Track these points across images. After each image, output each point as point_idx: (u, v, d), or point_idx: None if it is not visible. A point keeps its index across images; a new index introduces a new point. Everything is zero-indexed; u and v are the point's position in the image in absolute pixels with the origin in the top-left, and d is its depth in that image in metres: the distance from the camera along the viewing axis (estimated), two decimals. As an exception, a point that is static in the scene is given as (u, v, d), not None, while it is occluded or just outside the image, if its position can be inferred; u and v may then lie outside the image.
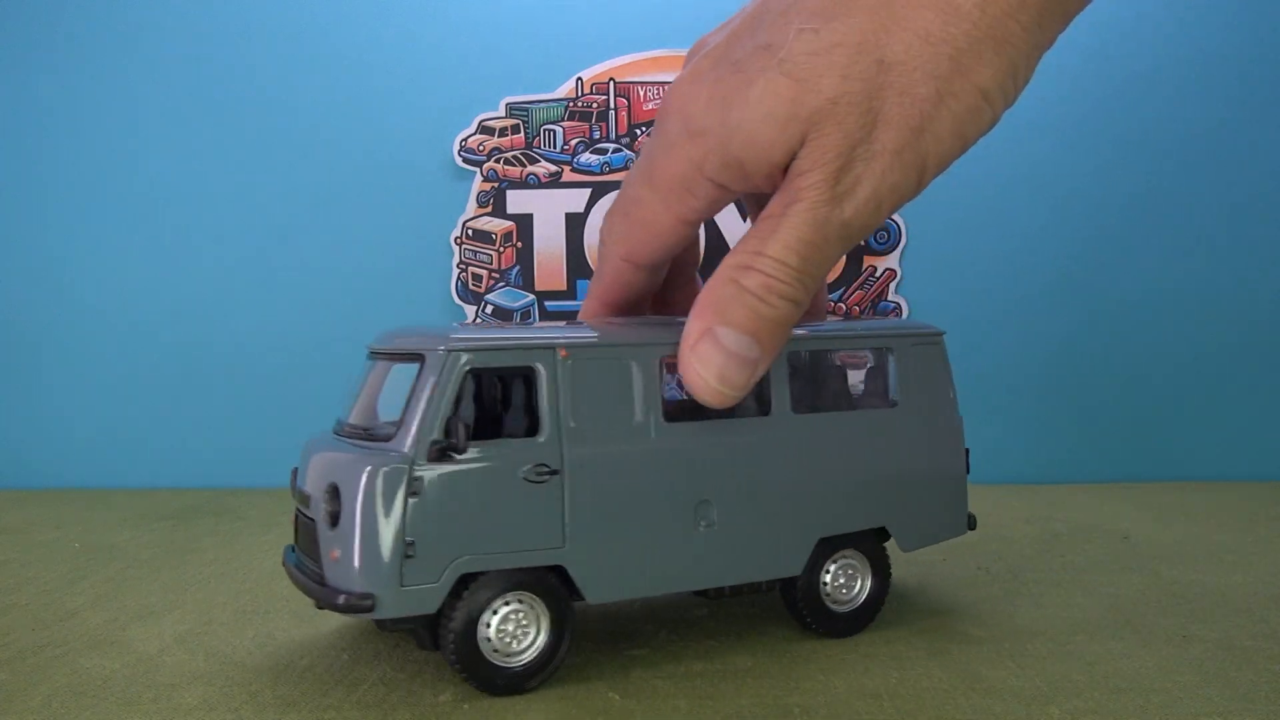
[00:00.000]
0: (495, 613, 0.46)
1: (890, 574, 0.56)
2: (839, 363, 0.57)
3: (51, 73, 1.03)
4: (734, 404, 0.45)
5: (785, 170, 0.40)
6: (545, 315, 0.98)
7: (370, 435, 0.48)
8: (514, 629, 0.47)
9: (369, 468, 0.44)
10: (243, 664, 0.51)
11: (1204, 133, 0.98)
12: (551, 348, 0.47)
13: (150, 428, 1.03)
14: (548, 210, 0.98)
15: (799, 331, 0.53)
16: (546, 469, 0.46)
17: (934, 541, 0.57)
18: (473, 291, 0.99)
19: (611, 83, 0.98)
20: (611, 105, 0.99)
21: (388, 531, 0.44)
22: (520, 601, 0.47)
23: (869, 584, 0.55)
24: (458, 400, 0.45)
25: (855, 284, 0.97)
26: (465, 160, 0.99)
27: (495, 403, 0.48)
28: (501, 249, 0.99)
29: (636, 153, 0.97)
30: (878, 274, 0.97)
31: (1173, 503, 0.87)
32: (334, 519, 0.45)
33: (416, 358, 0.47)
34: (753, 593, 0.52)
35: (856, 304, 0.97)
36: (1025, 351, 0.99)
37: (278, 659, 0.52)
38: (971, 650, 0.51)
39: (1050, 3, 0.35)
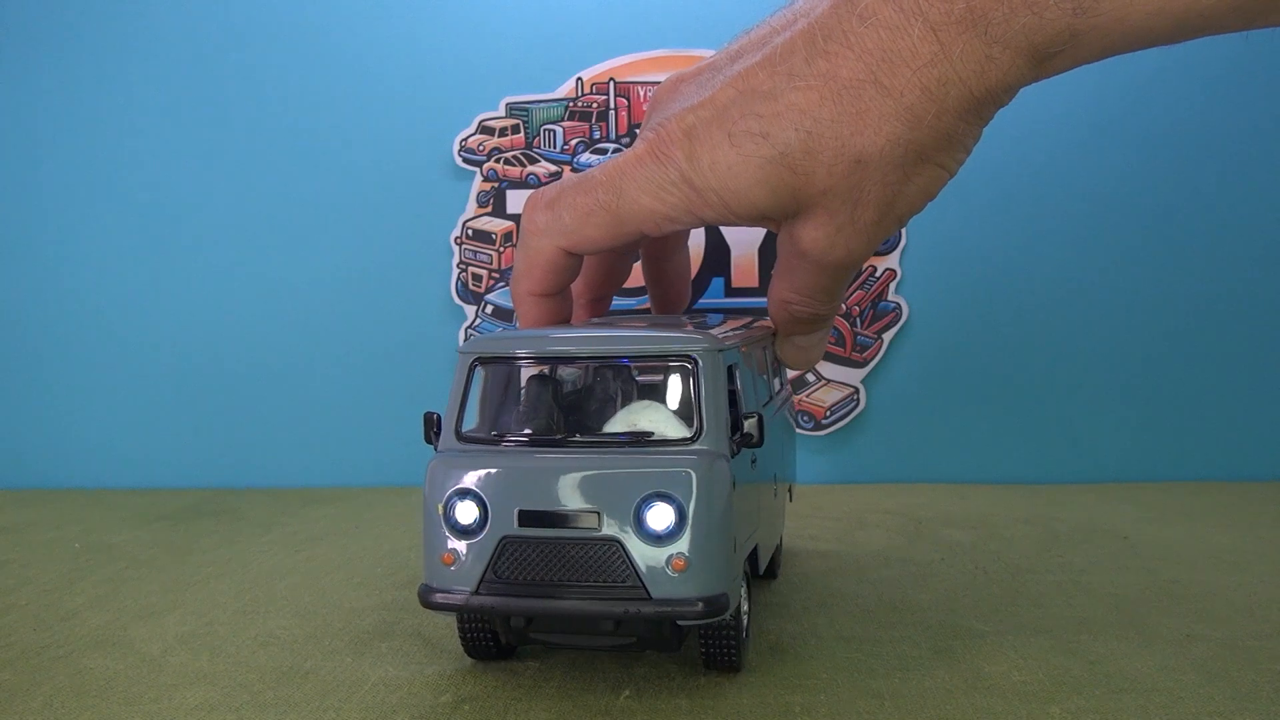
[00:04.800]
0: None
1: None
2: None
3: (51, 72, 1.03)
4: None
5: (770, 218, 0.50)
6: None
7: (650, 441, 0.46)
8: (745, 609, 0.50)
9: (706, 469, 0.44)
10: (245, 664, 0.51)
11: (1206, 133, 0.98)
12: (739, 344, 0.52)
13: (150, 428, 1.03)
14: (548, 210, 0.98)
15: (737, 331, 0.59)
16: (754, 458, 0.51)
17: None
18: (472, 291, 0.99)
19: (611, 83, 0.99)
20: (611, 105, 0.99)
21: (726, 530, 0.45)
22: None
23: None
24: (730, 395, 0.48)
25: (856, 284, 0.97)
26: (465, 160, 0.99)
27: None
28: (501, 249, 0.99)
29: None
30: (878, 274, 0.97)
31: (1173, 503, 0.87)
32: (677, 527, 0.44)
33: (685, 359, 0.47)
34: None
35: (856, 304, 0.97)
36: (1025, 351, 0.99)
37: (280, 659, 0.52)
38: (973, 649, 0.52)
39: (984, 105, 0.44)
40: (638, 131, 0.98)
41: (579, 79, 0.99)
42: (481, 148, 0.99)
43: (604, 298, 0.64)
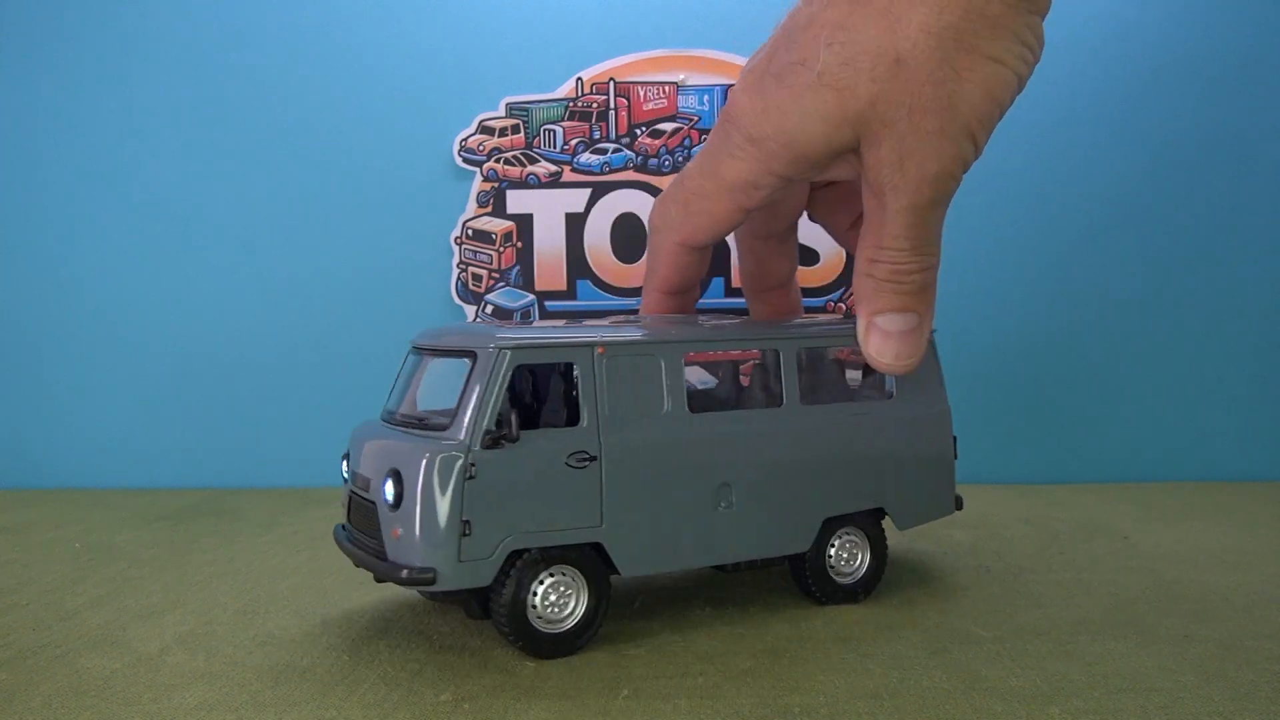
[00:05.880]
0: (541, 584, 0.51)
1: (887, 550, 0.62)
2: (838, 359, 0.63)
3: (51, 72, 1.03)
4: (917, 365, 0.50)
5: (846, 152, 0.47)
6: (545, 315, 0.98)
7: (425, 424, 0.53)
8: (557, 599, 0.52)
9: (429, 455, 0.49)
10: (243, 664, 0.51)
11: (1205, 132, 0.98)
12: (589, 345, 0.52)
13: (150, 428, 1.03)
14: (548, 210, 0.98)
15: (797, 330, 0.60)
16: (586, 455, 0.51)
17: (925, 521, 0.63)
18: (472, 291, 0.99)
19: (611, 83, 0.98)
20: (611, 105, 0.99)
21: (447, 512, 0.48)
22: (563, 574, 0.52)
23: (867, 559, 0.61)
24: (507, 393, 0.50)
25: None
26: (465, 160, 0.99)
27: (540, 395, 0.53)
28: (501, 249, 0.99)
29: (636, 152, 0.97)
30: (878, 274, 0.97)
31: (1173, 503, 0.87)
32: (397, 501, 0.49)
33: (468, 354, 0.52)
34: (765, 567, 0.59)
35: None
36: (1025, 351, 0.99)
37: (278, 659, 0.52)
38: (972, 650, 0.52)
39: None
40: (637, 132, 0.99)
41: (579, 79, 0.99)
42: (481, 148, 0.99)
43: (772, 288, 0.62)
